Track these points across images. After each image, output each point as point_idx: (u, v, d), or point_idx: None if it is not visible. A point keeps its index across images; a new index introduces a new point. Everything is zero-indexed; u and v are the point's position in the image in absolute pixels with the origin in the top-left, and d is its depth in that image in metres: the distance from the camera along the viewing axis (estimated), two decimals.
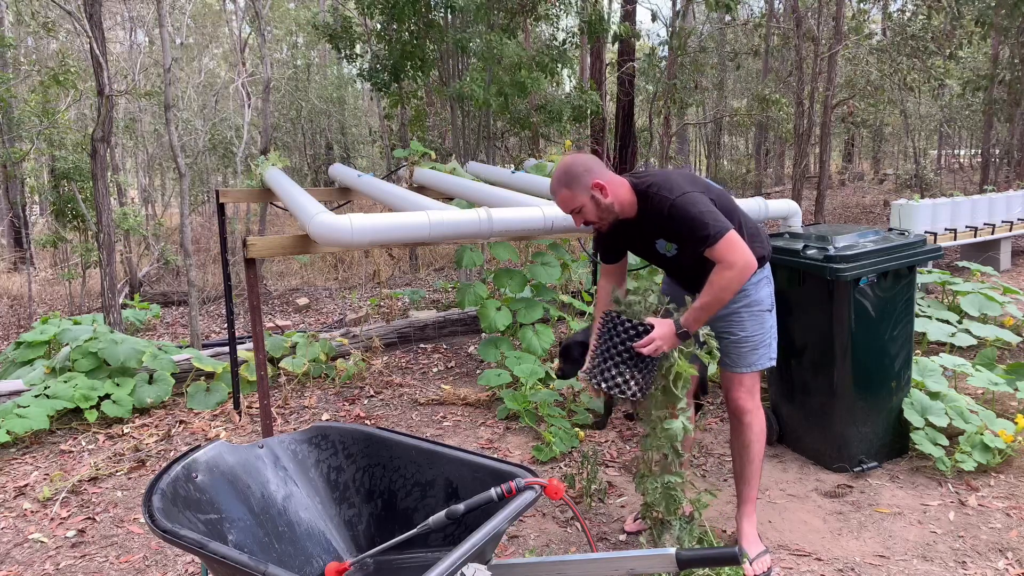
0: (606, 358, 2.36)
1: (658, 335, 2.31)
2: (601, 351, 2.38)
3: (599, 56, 11.98)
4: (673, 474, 2.51)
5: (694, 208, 2.30)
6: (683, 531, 2.51)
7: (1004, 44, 12.01)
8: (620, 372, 2.33)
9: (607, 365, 2.35)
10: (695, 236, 2.31)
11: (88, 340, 4.52)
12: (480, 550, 1.51)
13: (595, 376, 2.38)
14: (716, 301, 2.31)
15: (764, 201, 3.76)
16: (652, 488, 2.52)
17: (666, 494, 2.51)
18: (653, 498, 2.52)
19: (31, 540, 3.07)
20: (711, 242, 2.28)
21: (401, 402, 4.64)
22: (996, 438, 3.32)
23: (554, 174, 2.43)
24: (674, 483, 2.50)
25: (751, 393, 2.64)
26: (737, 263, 2.27)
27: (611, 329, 2.36)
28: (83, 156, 9.29)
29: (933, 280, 5.42)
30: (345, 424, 2.24)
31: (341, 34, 8.63)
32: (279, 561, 1.90)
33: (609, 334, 2.36)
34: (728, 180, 15.76)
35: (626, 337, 2.32)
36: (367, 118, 18.66)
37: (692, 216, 2.30)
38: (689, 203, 2.31)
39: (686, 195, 2.33)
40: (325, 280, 10.60)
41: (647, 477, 2.55)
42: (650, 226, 2.45)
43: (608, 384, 2.35)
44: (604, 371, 2.36)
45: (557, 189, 2.41)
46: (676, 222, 2.34)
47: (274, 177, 4.55)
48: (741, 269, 2.28)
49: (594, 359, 2.42)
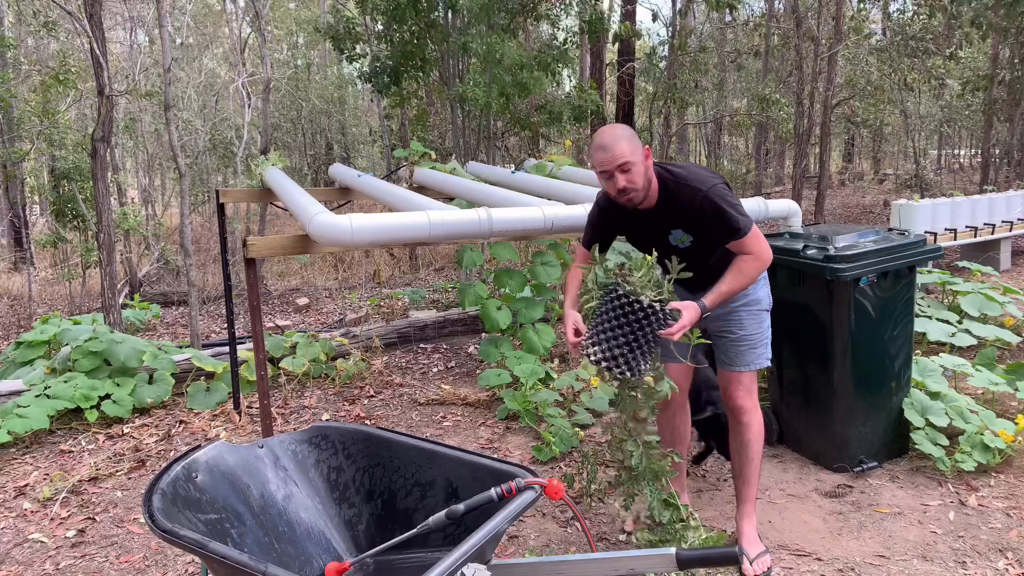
0: (616, 336, 2.25)
1: (688, 320, 2.29)
2: (611, 328, 2.26)
3: (599, 56, 11.98)
4: (650, 434, 2.49)
5: (725, 200, 2.36)
6: (653, 496, 2.50)
7: (1004, 44, 12.00)
8: (633, 353, 2.24)
9: (614, 343, 2.25)
10: (727, 228, 2.35)
11: (88, 340, 4.52)
12: (480, 550, 1.51)
13: (599, 355, 2.27)
14: (740, 287, 2.41)
15: (764, 201, 3.76)
16: (635, 450, 2.47)
17: (647, 453, 2.47)
18: (636, 461, 2.48)
19: (31, 540, 3.07)
20: (741, 235, 2.35)
21: (401, 402, 4.64)
22: (996, 438, 3.32)
23: (604, 132, 2.37)
24: (653, 443, 2.48)
25: (749, 392, 2.65)
26: (763, 255, 2.40)
27: (620, 307, 2.24)
28: (83, 156, 9.30)
29: (933, 280, 5.42)
30: (345, 424, 2.24)
31: (343, 35, 8.64)
32: (279, 561, 1.90)
33: (622, 312, 2.24)
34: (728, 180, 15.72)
35: (643, 319, 2.22)
36: (367, 118, 18.66)
37: (724, 208, 2.34)
38: (720, 195, 2.36)
39: (716, 187, 2.37)
40: (325, 280, 10.60)
41: (626, 440, 2.51)
42: (671, 216, 2.44)
43: (620, 366, 2.25)
44: (612, 350, 2.25)
45: (617, 139, 2.32)
46: (706, 213, 2.36)
47: (274, 177, 4.55)
48: (766, 260, 2.42)
49: (597, 335, 2.30)
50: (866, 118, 15.55)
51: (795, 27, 11.62)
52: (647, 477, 2.50)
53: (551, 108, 8.71)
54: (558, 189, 4.11)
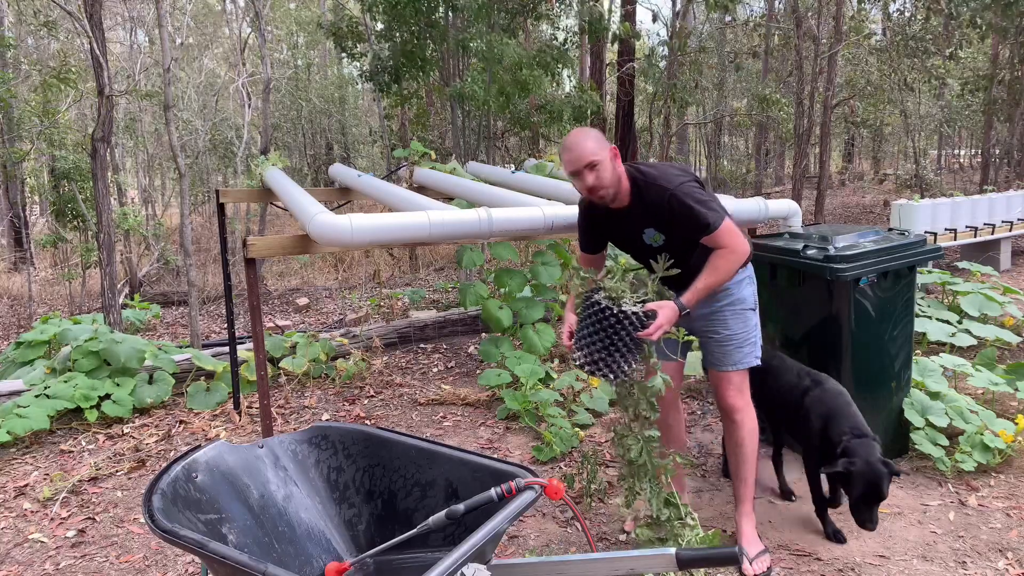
0: (594, 341, 2.32)
1: (664, 320, 2.30)
2: (590, 335, 2.33)
3: (599, 56, 11.99)
4: (651, 429, 2.51)
5: (692, 197, 2.36)
6: (653, 494, 2.50)
7: (1004, 44, 12.00)
8: (612, 357, 2.30)
9: (593, 348, 2.33)
10: (696, 224, 2.36)
11: (88, 340, 4.52)
12: (480, 550, 1.51)
13: (582, 359, 2.36)
14: (716, 282, 2.40)
15: (764, 201, 3.76)
16: (635, 445, 2.51)
17: (647, 449, 2.49)
18: (636, 456, 2.50)
19: (31, 540, 3.07)
20: (711, 229, 2.35)
21: (401, 402, 4.64)
22: (996, 438, 3.32)
23: (571, 135, 2.43)
24: (654, 437, 2.49)
25: (740, 391, 2.66)
26: (737, 248, 2.39)
27: (598, 314, 2.31)
28: (83, 156, 9.30)
29: (933, 280, 5.42)
30: (345, 424, 2.24)
31: (345, 33, 8.65)
32: (279, 561, 1.90)
33: (597, 319, 2.32)
34: (728, 180, 15.75)
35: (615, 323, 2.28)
36: (367, 118, 18.66)
37: (691, 205, 2.35)
38: (687, 192, 2.37)
39: (684, 184, 2.39)
40: (325, 280, 10.60)
41: (627, 436, 2.54)
42: (642, 216, 2.47)
43: (602, 370, 2.33)
44: (593, 354, 2.33)
45: (582, 139, 2.38)
46: (675, 211, 2.37)
47: (274, 177, 4.55)
48: (741, 254, 2.40)
49: (579, 340, 2.38)
50: (866, 118, 15.56)
51: (795, 27, 11.62)
52: (648, 473, 2.50)
53: (551, 108, 8.71)
54: (558, 189, 4.11)
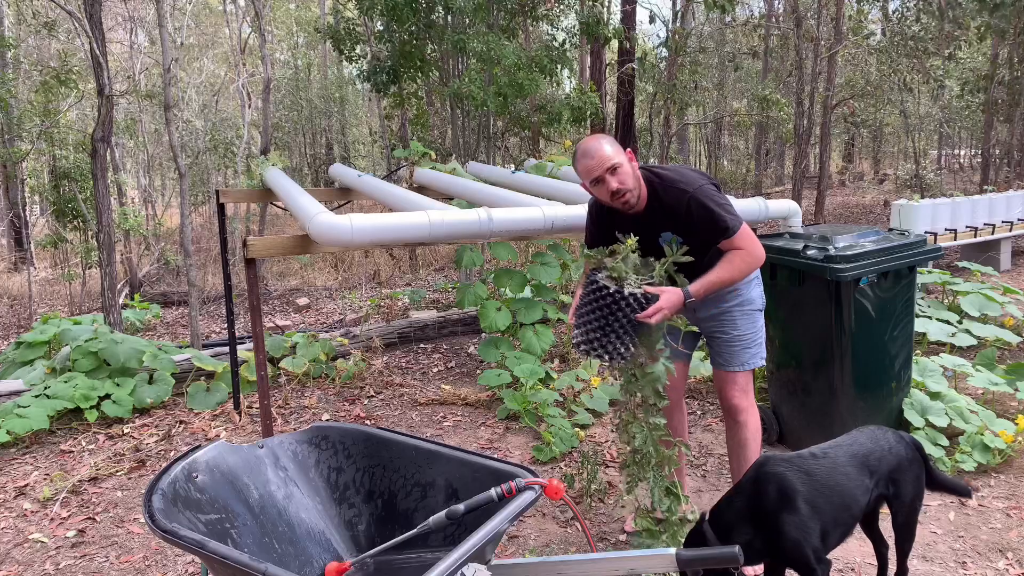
0: (591, 321, 2.30)
1: (666, 304, 2.28)
2: (587, 313, 2.31)
3: (599, 56, 11.98)
4: (657, 416, 2.47)
5: (713, 200, 2.36)
6: (655, 483, 2.49)
7: (1003, 45, 12.01)
8: (608, 337, 2.28)
9: (589, 328, 2.30)
10: (715, 228, 2.36)
11: (88, 340, 4.52)
12: (480, 550, 1.51)
13: (578, 337, 2.34)
14: (729, 279, 2.41)
15: (764, 201, 3.76)
16: (640, 432, 2.47)
17: (651, 437, 2.47)
18: (641, 443, 2.47)
19: (31, 540, 3.07)
20: (731, 233, 2.36)
21: (401, 402, 4.64)
22: (996, 438, 3.32)
23: (585, 142, 2.39)
24: (659, 425, 2.48)
25: (745, 392, 2.66)
26: (755, 252, 2.41)
27: (595, 293, 2.28)
28: (83, 156, 9.30)
29: (933, 280, 5.42)
30: (345, 424, 2.24)
31: (344, 35, 8.65)
32: (279, 561, 1.90)
33: (595, 297, 2.28)
34: (728, 180, 15.76)
35: (612, 304, 2.25)
36: (367, 118, 18.67)
37: (711, 208, 2.35)
38: (707, 195, 2.37)
39: (704, 187, 2.39)
40: (325, 280, 10.59)
41: (631, 423, 2.50)
42: (659, 218, 2.44)
43: (596, 350, 2.30)
44: (588, 334, 2.30)
45: (598, 145, 2.35)
46: (694, 213, 2.36)
47: (274, 177, 4.55)
48: (757, 257, 2.43)
49: (579, 319, 2.36)
50: (866, 118, 15.56)
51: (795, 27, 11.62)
52: (651, 462, 2.49)
53: (550, 109, 8.71)
54: (558, 189, 4.11)
